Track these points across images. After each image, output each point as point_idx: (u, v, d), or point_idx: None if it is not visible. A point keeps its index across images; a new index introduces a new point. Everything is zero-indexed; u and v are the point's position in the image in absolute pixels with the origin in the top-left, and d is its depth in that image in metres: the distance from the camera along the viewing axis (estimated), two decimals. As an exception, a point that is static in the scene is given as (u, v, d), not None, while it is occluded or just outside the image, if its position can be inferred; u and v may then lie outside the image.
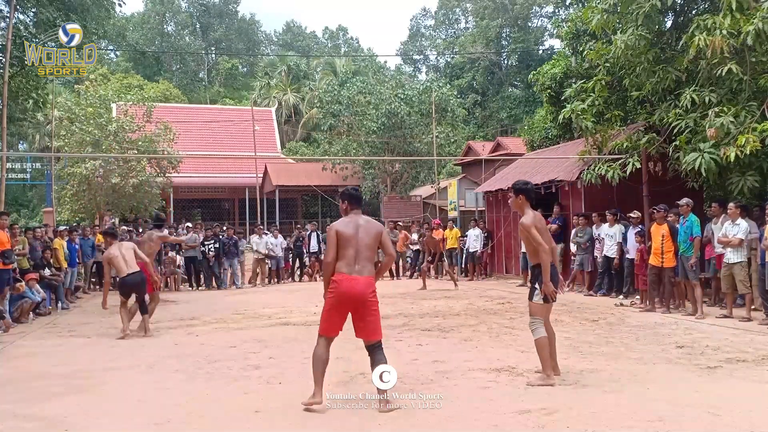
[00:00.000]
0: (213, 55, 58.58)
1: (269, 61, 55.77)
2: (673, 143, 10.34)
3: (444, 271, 16.99)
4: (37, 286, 10.53)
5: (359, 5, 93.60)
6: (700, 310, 9.01)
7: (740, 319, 8.53)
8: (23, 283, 10.03)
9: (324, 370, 4.70)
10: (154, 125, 22.64)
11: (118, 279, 8.39)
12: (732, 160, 9.13)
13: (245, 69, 58.93)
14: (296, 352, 6.76)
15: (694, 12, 11.27)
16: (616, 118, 12.45)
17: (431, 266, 15.38)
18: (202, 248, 15.39)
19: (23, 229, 12.15)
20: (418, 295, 12.67)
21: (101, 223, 20.36)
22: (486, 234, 16.44)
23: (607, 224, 11.64)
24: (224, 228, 16.66)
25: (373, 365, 4.67)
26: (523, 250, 14.42)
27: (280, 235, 16.70)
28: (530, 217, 5.45)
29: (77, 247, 13.70)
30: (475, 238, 16.30)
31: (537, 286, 5.41)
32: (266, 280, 16.29)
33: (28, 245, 11.25)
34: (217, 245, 15.35)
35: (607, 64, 11.95)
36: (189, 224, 16.29)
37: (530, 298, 5.50)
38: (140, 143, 21.68)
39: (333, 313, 4.69)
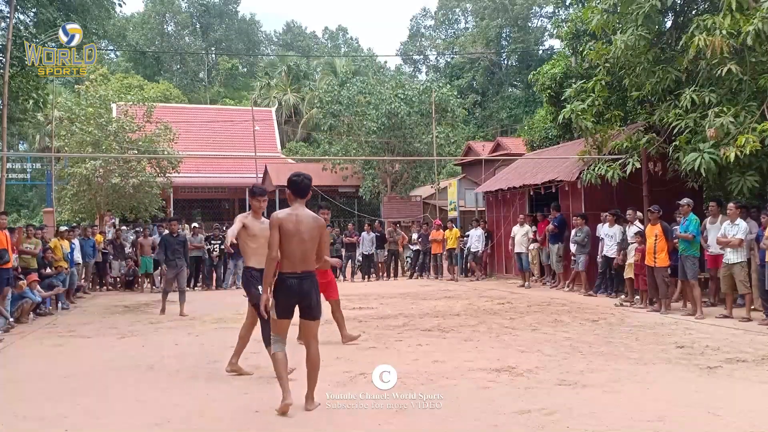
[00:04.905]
0: (213, 56, 58.55)
1: (269, 61, 55.77)
2: (673, 143, 10.34)
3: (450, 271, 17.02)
4: (39, 287, 10.53)
5: (359, 5, 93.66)
6: (699, 310, 9.01)
7: (740, 319, 8.54)
8: (25, 281, 10.05)
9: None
10: (154, 125, 22.60)
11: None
12: (732, 160, 9.13)
13: (245, 69, 58.90)
14: (296, 352, 6.75)
15: (694, 12, 11.27)
16: (616, 118, 12.45)
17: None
18: (208, 246, 15.49)
19: (36, 230, 12.17)
20: (419, 295, 12.67)
21: (101, 223, 20.34)
22: (486, 234, 16.45)
23: (606, 224, 11.64)
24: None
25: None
26: (518, 250, 14.41)
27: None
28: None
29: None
30: (477, 239, 16.33)
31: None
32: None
33: (40, 246, 11.34)
34: (222, 246, 15.38)
35: (607, 64, 11.94)
36: (196, 224, 16.30)
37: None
38: (140, 143, 21.65)
39: None
